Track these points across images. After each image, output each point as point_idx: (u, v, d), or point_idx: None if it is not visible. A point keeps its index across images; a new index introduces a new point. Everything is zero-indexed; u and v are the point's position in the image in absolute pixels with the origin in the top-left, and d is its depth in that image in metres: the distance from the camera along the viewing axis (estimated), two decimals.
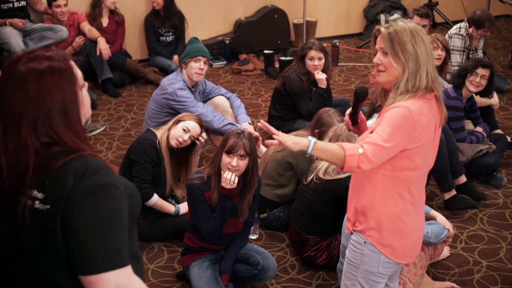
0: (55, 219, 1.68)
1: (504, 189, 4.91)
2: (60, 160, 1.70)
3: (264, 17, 7.80)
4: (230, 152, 3.42)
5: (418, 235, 2.78)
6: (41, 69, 1.73)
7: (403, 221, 2.66)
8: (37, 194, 1.70)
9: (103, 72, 6.45)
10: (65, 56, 1.80)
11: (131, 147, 4.16)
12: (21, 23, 6.09)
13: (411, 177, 2.63)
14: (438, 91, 2.61)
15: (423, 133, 2.54)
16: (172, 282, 3.84)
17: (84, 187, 1.67)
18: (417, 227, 2.77)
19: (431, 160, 2.70)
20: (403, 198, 2.64)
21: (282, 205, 4.33)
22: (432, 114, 2.58)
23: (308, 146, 2.47)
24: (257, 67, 7.32)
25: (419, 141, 2.54)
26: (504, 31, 8.84)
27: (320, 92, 5.23)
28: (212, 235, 3.51)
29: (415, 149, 2.56)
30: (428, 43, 2.60)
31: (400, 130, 2.49)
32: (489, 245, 4.23)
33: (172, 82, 4.77)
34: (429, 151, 2.64)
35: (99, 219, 1.67)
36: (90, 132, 5.63)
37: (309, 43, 5.33)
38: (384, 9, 8.40)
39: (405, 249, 2.72)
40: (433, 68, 2.60)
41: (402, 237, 2.69)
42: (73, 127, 1.75)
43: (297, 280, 3.88)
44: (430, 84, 2.57)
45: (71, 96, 1.76)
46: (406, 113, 2.50)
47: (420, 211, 2.76)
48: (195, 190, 3.49)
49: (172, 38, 7.19)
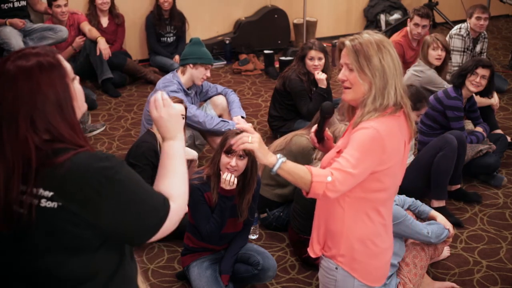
0: (69, 215, 1.69)
1: (504, 189, 4.91)
2: (63, 155, 1.71)
3: (264, 17, 7.80)
4: (229, 152, 3.42)
5: (390, 254, 2.63)
6: (30, 65, 1.74)
7: (375, 243, 2.51)
8: (43, 193, 1.70)
9: (103, 72, 6.45)
10: (52, 50, 1.82)
11: (131, 150, 4.16)
12: (21, 23, 6.09)
13: (379, 199, 2.47)
14: (407, 106, 2.45)
15: (393, 154, 2.39)
16: (172, 282, 3.85)
17: (99, 174, 1.70)
18: (389, 247, 2.60)
19: (399, 179, 2.53)
20: (372, 220, 2.49)
21: (282, 205, 4.33)
22: (401, 132, 2.43)
23: (275, 164, 2.30)
24: (257, 67, 7.32)
25: (388, 162, 2.38)
26: (504, 31, 8.85)
27: (320, 92, 5.22)
28: (212, 235, 3.51)
29: (385, 171, 2.40)
30: (396, 56, 2.42)
31: (369, 153, 2.33)
32: (489, 245, 4.23)
33: (166, 85, 4.77)
34: (398, 171, 2.49)
35: (127, 199, 1.74)
36: (90, 132, 5.63)
37: (309, 43, 5.32)
38: (384, 9, 8.40)
39: (378, 270, 2.57)
40: (401, 82, 2.43)
41: (375, 259, 2.54)
42: (68, 120, 1.76)
43: (297, 280, 3.88)
44: (399, 100, 2.40)
45: (63, 89, 1.77)
46: (375, 135, 2.33)
47: (389, 231, 2.59)
48: (195, 191, 3.49)
49: (173, 39, 7.19)
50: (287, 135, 4.43)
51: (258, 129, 5.84)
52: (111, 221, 1.73)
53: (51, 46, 5.99)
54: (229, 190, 3.43)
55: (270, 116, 5.58)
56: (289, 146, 4.26)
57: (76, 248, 1.74)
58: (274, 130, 5.55)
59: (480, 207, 4.67)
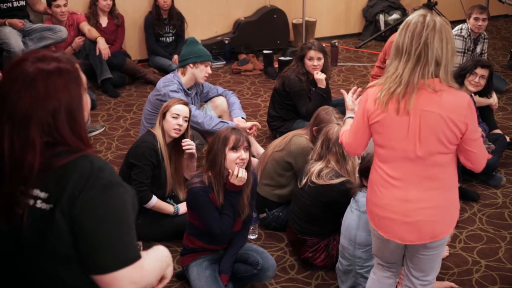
0: (58, 218, 1.68)
1: (503, 189, 4.92)
2: (63, 159, 1.71)
3: (263, 17, 7.81)
4: (236, 147, 3.44)
5: (394, 216, 2.78)
6: (50, 69, 1.73)
7: (379, 190, 2.81)
8: (40, 194, 1.71)
9: (103, 72, 6.45)
10: (71, 58, 1.81)
11: (131, 150, 4.16)
12: (20, 23, 6.09)
13: (379, 153, 2.79)
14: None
15: (374, 114, 2.72)
16: (172, 282, 3.84)
17: (91, 187, 1.68)
18: (393, 208, 2.77)
19: (403, 146, 2.69)
20: (377, 171, 2.81)
21: (281, 205, 4.33)
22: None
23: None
24: (256, 67, 7.33)
25: (372, 120, 2.73)
26: (503, 31, 8.85)
27: (319, 92, 5.23)
28: (226, 232, 3.51)
29: (373, 126, 2.74)
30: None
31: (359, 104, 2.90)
32: (488, 244, 4.23)
33: (166, 84, 4.79)
34: (393, 136, 2.70)
35: (109, 218, 1.69)
36: (90, 133, 5.63)
37: (308, 43, 5.33)
38: (383, 9, 8.40)
39: (380, 220, 2.84)
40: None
41: (376, 206, 2.84)
42: (77, 129, 1.76)
43: (296, 280, 3.88)
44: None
45: (77, 98, 1.77)
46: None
47: (397, 196, 2.76)
48: (200, 193, 3.49)
49: (172, 39, 7.20)
50: (286, 134, 4.44)
51: (257, 129, 5.85)
52: (87, 231, 1.68)
53: (50, 46, 6.02)
54: (239, 186, 3.46)
55: (269, 116, 5.59)
56: (288, 146, 4.27)
57: (67, 255, 1.72)
58: (273, 130, 5.56)
59: (479, 207, 4.67)
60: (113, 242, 1.69)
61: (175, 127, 4.07)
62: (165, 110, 4.11)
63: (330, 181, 3.73)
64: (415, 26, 2.61)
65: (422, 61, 2.60)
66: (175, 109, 4.09)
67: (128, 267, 1.70)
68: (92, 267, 1.71)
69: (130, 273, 1.71)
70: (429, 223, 2.76)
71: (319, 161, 3.83)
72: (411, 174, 2.73)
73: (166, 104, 4.17)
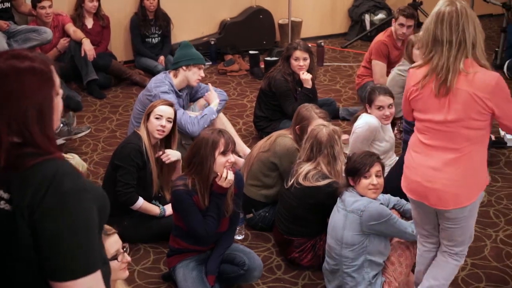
0: (19, 221, 1.65)
1: (488, 188, 4.93)
2: (30, 160, 1.68)
3: (249, 17, 7.81)
4: (226, 151, 3.45)
5: (419, 179, 3.08)
6: (23, 67, 1.71)
7: (411, 154, 3.15)
8: (3, 194, 1.68)
9: (88, 73, 6.42)
10: (46, 59, 1.79)
11: (116, 151, 4.14)
12: (5, 25, 6.05)
13: (416, 123, 3.12)
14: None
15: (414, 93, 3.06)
16: (158, 284, 3.84)
17: (55, 192, 1.64)
18: (418, 172, 3.09)
19: (436, 119, 2.98)
20: (414, 136, 3.16)
21: (268, 205, 4.33)
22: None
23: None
24: (243, 68, 7.33)
25: (411, 94, 3.06)
26: (488, 31, 8.89)
27: (305, 92, 5.24)
28: (210, 234, 3.52)
29: (412, 101, 3.08)
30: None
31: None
32: (474, 243, 4.22)
33: (158, 85, 4.79)
34: (426, 107, 3.01)
35: (71, 225, 1.65)
36: (75, 135, 5.58)
37: (294, 44, 5.34)
38: (368, 9, 8.43)
39: (410, 183, 3.15)
40: None
41: (407, 168, 3.17)
42: (46, 130, 1.73)
43: (283, 280, 3.88)
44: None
45: (48, 99, 1.74)
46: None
47: (424, 162, 3.06)
48: (184, 196, 3.49)
49: (158, 40, 7.18)
50: (270, 135, 4.44)
51: (243, 130, 5.85)
52: (46, 238, 1.65)
53: (35, 48, 5.98)
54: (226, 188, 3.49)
55: (255, 116, 5.59)
56: (273, 147, 4.27)
57: (29, 258, 1.69)
58: (259, 130, 5.56)
59: None
60: (72, 251, 1.65)
61: (158, 128, 4.06)
62: (149, 111, 4.11)
63: (316, 183, 3.73)
64: (451, 16, 2.91)
65: (462, 47, 2.88)
66: (159, 110, 4.08)
67: (86, 277, 1.66)
68: (50, 274, 1.67)
69: (88, 283, 1.66)
70: (449, 193, 3.03)
71: (308, 162, 3.83)
72: (439, 145, 3.02)
73: (151, 105, 4.16)
